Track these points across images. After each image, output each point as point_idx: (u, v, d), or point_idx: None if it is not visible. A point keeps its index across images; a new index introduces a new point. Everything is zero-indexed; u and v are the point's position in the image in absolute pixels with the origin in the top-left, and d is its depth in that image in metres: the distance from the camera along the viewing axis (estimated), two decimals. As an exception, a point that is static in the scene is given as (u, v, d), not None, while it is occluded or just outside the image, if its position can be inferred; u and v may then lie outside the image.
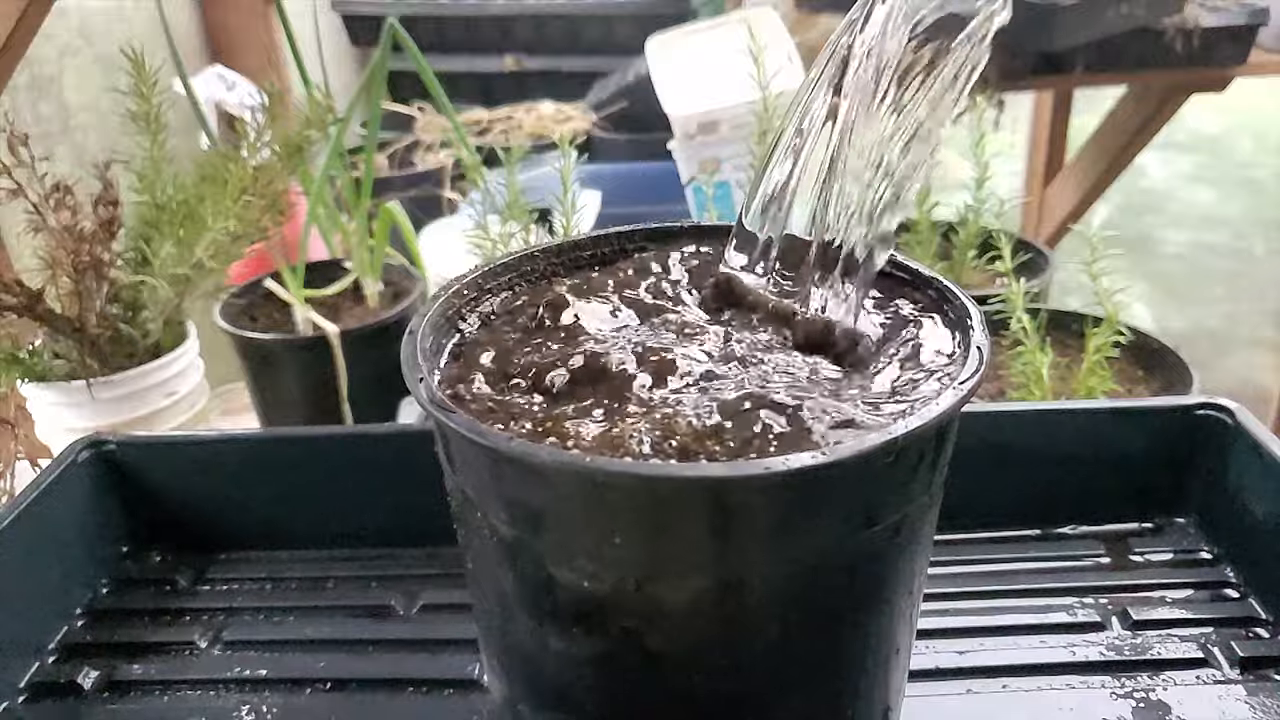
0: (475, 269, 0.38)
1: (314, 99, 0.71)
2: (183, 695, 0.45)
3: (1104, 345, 0.62)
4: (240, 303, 0.82)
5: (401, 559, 0.53)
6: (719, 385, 0.31)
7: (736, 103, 0.89)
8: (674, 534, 0.28)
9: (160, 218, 0.67)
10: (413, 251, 0.89)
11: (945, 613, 0.47)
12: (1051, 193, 1.95)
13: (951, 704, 0.42)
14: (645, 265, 0.39)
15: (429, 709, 0.44)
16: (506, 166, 0.71)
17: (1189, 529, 0.52)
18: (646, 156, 1.19)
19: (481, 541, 0.31)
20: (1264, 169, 3.64)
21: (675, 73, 0.97)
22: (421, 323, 0.33)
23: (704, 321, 0.35)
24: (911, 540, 0.31)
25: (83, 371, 0.64)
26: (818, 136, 0.34)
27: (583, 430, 0.29)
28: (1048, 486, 0.52)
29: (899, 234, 0.86)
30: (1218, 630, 0.45)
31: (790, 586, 0.29)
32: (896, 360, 0.33)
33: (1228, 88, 1.56)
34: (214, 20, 1.39)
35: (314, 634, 0.48)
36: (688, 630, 0.29)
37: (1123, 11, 1.38)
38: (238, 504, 0.54)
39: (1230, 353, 2.50)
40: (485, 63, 1.63)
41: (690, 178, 0.95)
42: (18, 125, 0.61)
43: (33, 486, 0.48)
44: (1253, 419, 0.49)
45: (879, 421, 0.29)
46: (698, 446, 0.28)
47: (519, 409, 0.31)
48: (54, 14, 0.68)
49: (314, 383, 0.78)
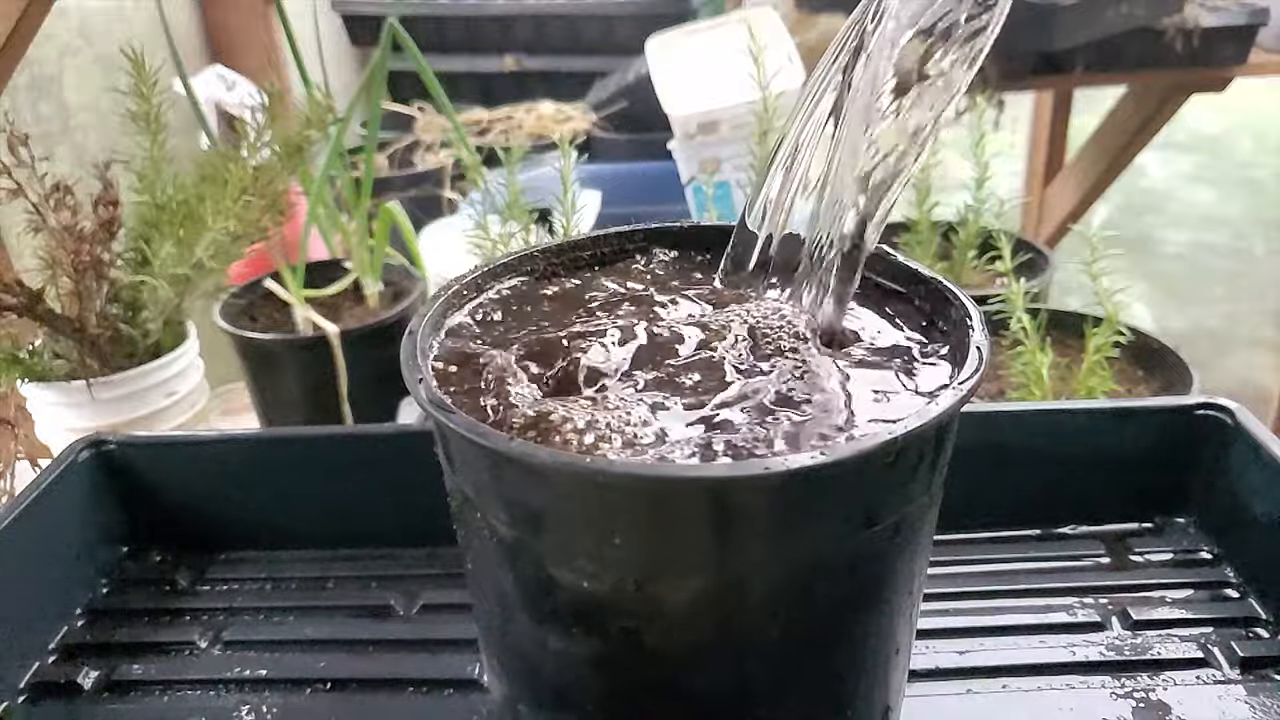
0: (475, 269, 0.38)
1: (314, 99, 0.71)
2: (183, 695, 0.45)
3: (1104, 345, 0.62)
4: (240, 303, 0.82)
5: (401, 559, 0.53)
6: (719, 382, 0.31)
7: (736, 103, 0.89)
8: (674, 534, 0.28)
9: (160, 218, 0.67)
10: (413, 251, 0.89)
11: (945, 613, 0.47)
12: (1051, 193, 1.95)
13: (951, 704, 0.42)
14: (645, 265, 0.39)
15: (429, 709, 0.44)
16: (506, 166, 0.71)
17: (1189, 529, 0.52)
18: (646, 156, 1.19)
19: (481, 542, 0.31)
20: (1264, 169, 3.64)
21: (675, 73, 0.97)
22: (421, 323, 0.33)
23: (704, 320, 0.35)
24: (911, 540, 0.31)
25: (83, 371, 0.64)
26: (818, 137, 0.34)
27: (582, 427, 0.29)
28: (1048, 486, 0.52)
29: (899, 234, 0.86)
30: (1218, 630, 0.45)
31: (790, 587, 0.29)
32: (892, 359, 0.33)
33: (1228, 88, 1.56)
34: (214, 20, 1.39)
35: (314, 634, 0.48)
36: (687, 630, 0.29)
37: (1123, 11, 1.38)
38: (238, 504, 0.54)
39: (1230, 353, 2.50)
40: (485, 63, 1.62)
41: (690, 178, 0.95)
42: (18, 125, 0.61)
43: (33, 486, 0.48)
44: (1253, 419, 0.49)
45: (874, 422, 0.29)
46: (698, 443, 0.28)
47: (520, 407, 0.31)
48: (54, 14, 0.68)
49: (314, 383, 0.78)
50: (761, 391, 0.30)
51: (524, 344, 0.34)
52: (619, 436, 0.28)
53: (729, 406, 0.29)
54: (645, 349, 0.32)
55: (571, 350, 0.33)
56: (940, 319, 0.35)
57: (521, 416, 0.30)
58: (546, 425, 0.29)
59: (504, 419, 0.30)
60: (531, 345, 0.34)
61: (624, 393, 0.31)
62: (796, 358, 0.33)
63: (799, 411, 0.30)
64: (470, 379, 0.32)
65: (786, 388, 0.31)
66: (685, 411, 0.30)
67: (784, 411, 0.30)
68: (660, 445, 0.28)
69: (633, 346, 0.33)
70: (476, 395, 0.31)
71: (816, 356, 0.33)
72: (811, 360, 0.33)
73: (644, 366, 0.32)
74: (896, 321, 0.36)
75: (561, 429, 0.29)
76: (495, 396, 0.31)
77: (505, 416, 0.30)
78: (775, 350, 0.34)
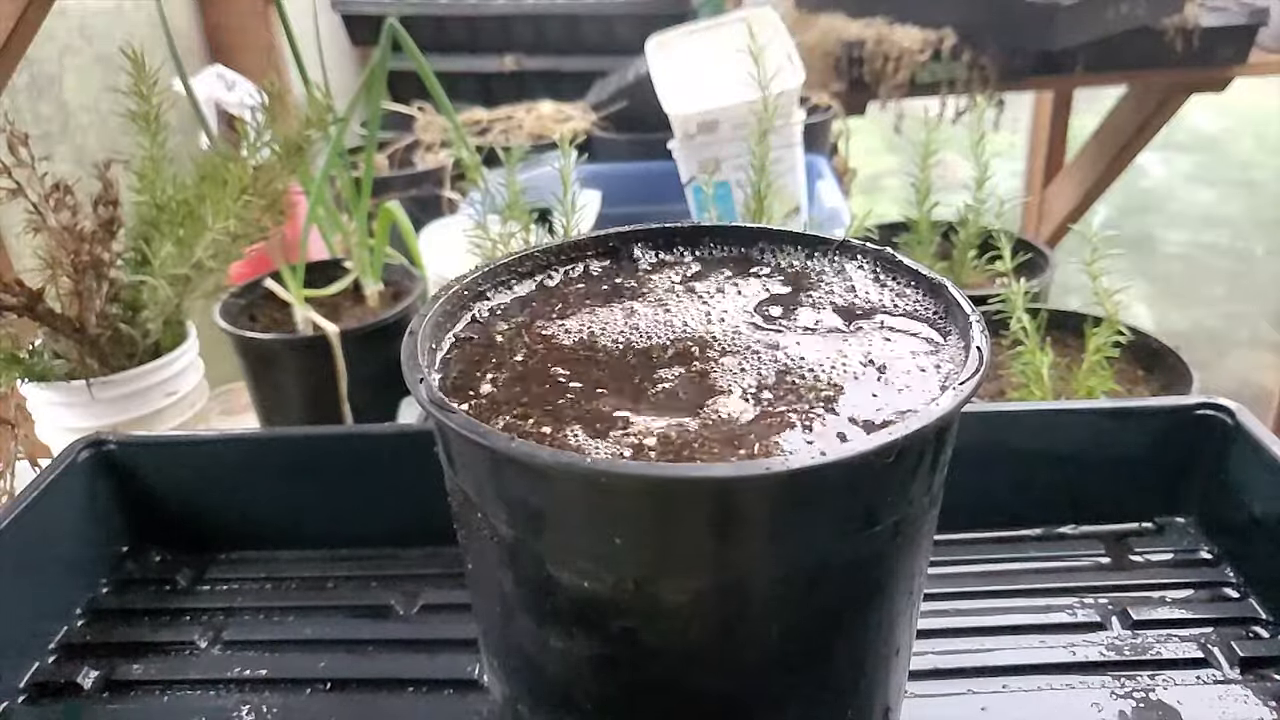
0: (475, 269, 0.38)
1: (314, 99, 0.71)
2: (183, 695, 0.45)
3: (1104, 345, 0.62)
4: (240, 303, 0.82)
5: (401, 559, 0.53)
6: (716, 378, 0.31)
7: (736, 103, 0.88)
8: (674, 534, 0.28)
9: (160, 218, 0.67)
10: (413, 251, 0.89)
11: (945, 613, 0.47)
12: (1051, 193, 1.95)
13: (951, 704, 0.42)
14: (646, 264, 0.39)
15: (429, 709, 0.44)
16: (506, 166, 0.71)
17: (1189, 529, 0.52)
18: (646, 156, 1.19)
19: (481, 542, 0.31)
20: (1264, 169, 3.64)
21: (675, 73, 0.97)
22: (421, 323, 0.33)
23: (701, 319, 0.35)
24: (911, 540, 0.31)
25: (83, 371, 0.64)
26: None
27: (588, 426, 0.29)
28: (1048, 486, 0.52)
29: (899, 234, 0.86)
30: (1218, 630, 0.45)
31: (790, 587, 0.29)
32: (891, 359, 0.33)
33: (1228, 88, 1.56)
34: (214, 20, 1.39)
35: (314, 634, 0.48)
36: (688, 630, 0.29)
37: (1123, 11, 1.39)
38: (238, 504, 0.54)
39: (1230, 353, 2.50)
40: (485, 63, 1.62)
41: (690, 178, 0.95)
42: (18, 125, 0.61)
43: (33, 486, 0.48)
44: (1253, 419, 0.49)
45: (874, 422, 0.29)
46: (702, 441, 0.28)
47: (520, 407, 0.31)
48: (54, 14, 0.68)
49: (314, 383, 0.78)
50: (761, 390, 0.30)
51: (524, 342, 0.34)
52: (624, 435, 0.28)
53: (724, 394, 0.29)
54: (643, 345, 0.32)
55: (571, 349, 0.33)
56: (940, 319, 0.35)
57: (522, 414, 0.30)
58: (548, 422, 0.29)
59: (508, 416, 0.30)
60: (532, 344, 0.34)
61: (621, 388, 0.31)
62: (791, 358, 0.33)
63: (796, 409, 0.30)
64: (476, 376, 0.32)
65: (783, 385, 0.31)
66: (684, 405, 0.30)
67: (784, 411, 0.30)
68: (664, 440, 0.28)
69: (631, 343, 0.33)
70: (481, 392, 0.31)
71: (815, 357, 0.33)
72: (811, 360, 0.33)
73: (644, 365, 0.32)
74: (897, 321, 0.36)
75: (564, 426, 0.29)
76: (501, 393, 0.31)
77: (510, 413, 0.30)
78: (771, 343, 0.34)
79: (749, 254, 0.40)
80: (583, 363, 0.33)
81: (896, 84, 1.46)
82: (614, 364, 0.33)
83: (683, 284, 0.38)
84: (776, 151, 0.86)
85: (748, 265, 0.39)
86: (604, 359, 0.33)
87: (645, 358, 0.33)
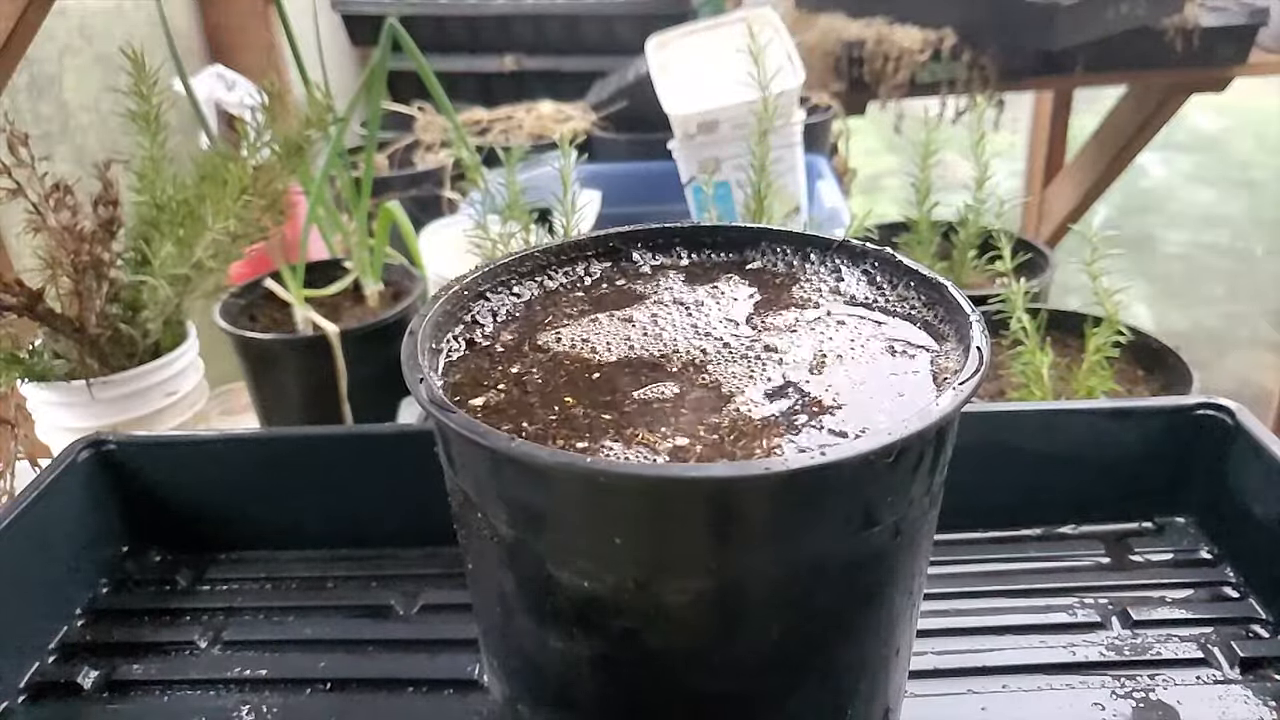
0: (475, 269, 0.38)
1: (314, 99, 0.71)
2: (183, 695, 0.45)
3: (1104, 345, 0.62)
4: (240, 303, 0.82)
5: (401, 559, 0.53)
6: (716, 379, 0.31)
7: (736, 103, 0.88)
8: (674, 534, 0.28)
9: (160, 218, 0.67)
10: (413, 251, 0.89)
11: (945, 613, 0.47)
12: (1051, 193, 1.95)
13: (951, 704, 0.42)
14: (646, 265, 0.39)
15: (429, 709, 0.44)
16: (506, 166, 0.71)
17: (1189, 529, 0.52)
18: (646, 156, 1.19)
19: (481, 542, 0.31)
20: (1264, 169, 3.64)
21: (675, 73, 0.97)
22: (422, 323, 0.33)
23: (701, 319, 0.35)
24: (911, 541, 0.31)
25: (83, 371, 0.64)
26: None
27: (593, 426, 0.29)
28: (1048, 486, 0.52)
29: (899, 234, 0.86)
30: (1218, 630, 0.45)
31: (790, 587, 0.29)
32: (891, 359, 0.33)
33: (1228, 88, 1.56)
34: (214, 20, 1.39)
35: (314, 634, 0.48)
36: (687, 630, 0.29)
37: (1123, 11, 1.39)
38: (238, 504, 0.54)
39: (1230, 353, 2.50)
40: (485, 63, 1.63)
41: (690, 178, 0.95)
42: (18, 125, 0.61)
43: (33, 486, 0.48)
44: (1253, 419, 0.49)
45: (874, 423, 0.29)
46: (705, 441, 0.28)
47: (523, 405, 0.31)
48: (54, 14, 0.68)
49: (314, 383, 0.78)
50: (760, 390, 0.30)
51: (523, 341, 0.34)
52: (631, 436, 0.28)
53: (731, 400, 0.29)
54: (643, 347, 0.32)
55: (570, 349, 0.33)
56: (940, 320, 0.35)
57: (532, 417, 0.30)
58: (558, 424, 0.29)
59: (516, 418, 0.30)
60: (532, 343, 0.34)
61: (621, 385, 0.31)
62: (792, 359, 0.33)
63: (797, 411, 0.30)
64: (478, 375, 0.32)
65: (784, 387, 0.31)
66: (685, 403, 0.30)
67: (783, 411, 0.30)
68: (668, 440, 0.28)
69: (630, 342, 0.33)
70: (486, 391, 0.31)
71: (815, 356, 0.33)
72: (810, 360, 0.33)
73: (643, 363, 0.32)
74: (897, 321, 0.36)
75: (571, 426, 0.29)
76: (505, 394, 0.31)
77: (518, 415, 0.30)
78: (769, 350, 0.34)
79: (749, 254, 0.40)
80: (583, 365, 0.33)
81: (896, 84, 1.46)
82: (614, 366, 0.33)
83: (682, 284, 0.38)
84: (776, 151, 0.86)
85: (747, 265, 0.39)
86: (604, 361, 0.33)
87: (645, 360, 0.33)
